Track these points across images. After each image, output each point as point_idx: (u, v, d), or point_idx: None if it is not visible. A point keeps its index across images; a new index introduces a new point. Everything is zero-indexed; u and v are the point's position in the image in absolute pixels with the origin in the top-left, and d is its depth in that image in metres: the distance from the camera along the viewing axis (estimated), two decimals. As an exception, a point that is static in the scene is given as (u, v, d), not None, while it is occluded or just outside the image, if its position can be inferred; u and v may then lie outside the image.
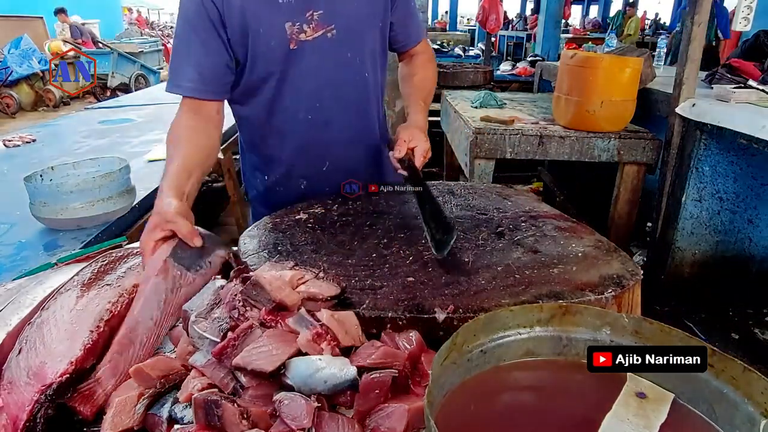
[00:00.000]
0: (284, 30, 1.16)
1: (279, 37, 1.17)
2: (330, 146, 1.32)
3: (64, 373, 0.65)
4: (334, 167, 1.34)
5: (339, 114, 1.29)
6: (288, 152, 1.32)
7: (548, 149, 2.63)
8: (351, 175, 1.33)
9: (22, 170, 1.93)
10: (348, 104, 1.30)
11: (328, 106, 1.27)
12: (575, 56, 2.64)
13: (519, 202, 1.24)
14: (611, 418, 0.53)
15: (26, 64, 8.91)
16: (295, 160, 1.33)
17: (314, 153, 1.32)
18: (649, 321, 0.60)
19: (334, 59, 1.23)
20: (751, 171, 2.45)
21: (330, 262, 0.92)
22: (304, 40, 1.18)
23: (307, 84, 1.23)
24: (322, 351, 0.64)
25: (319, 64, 1.22)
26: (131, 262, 0.89)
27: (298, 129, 1.28)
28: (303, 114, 1.26)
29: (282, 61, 1.19)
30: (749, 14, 2.42)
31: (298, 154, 1.32)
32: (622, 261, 0.92)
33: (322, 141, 1.31)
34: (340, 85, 1.27)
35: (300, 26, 1.17)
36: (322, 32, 1.19)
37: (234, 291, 0.74)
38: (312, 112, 1.27)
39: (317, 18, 1.18)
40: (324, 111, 1.27)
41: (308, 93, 1.24)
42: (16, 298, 0.80)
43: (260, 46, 1.16)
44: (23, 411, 0.62)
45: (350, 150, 1.35)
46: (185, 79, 1.17)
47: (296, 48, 1.18)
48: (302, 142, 1.30)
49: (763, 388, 0.50)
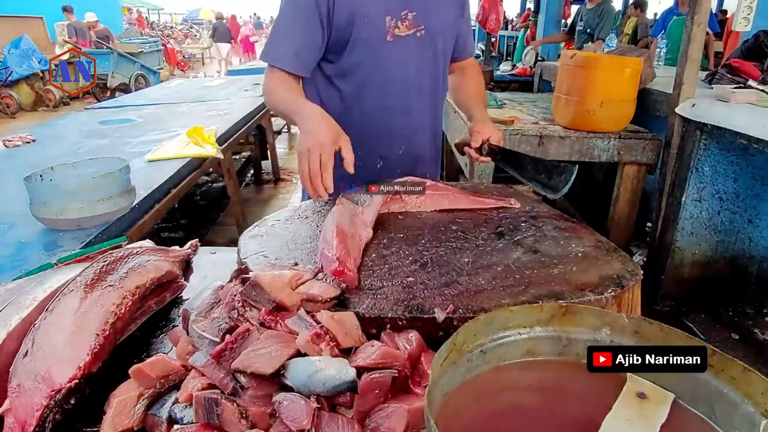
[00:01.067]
0: (384, 22, 1.32)
1: (379, 28, 1.33)
2: (408, 131, 1.48)
3: (73, 378, 0.65)
4: (407, 151, 1.50)
5: (419, 104, 1.46)
6: (372, 132, 1.44)
7: (548, 149, 2.63)
8: (419, 159, 1.53)
9: (22, 170, 1.93)
10: (426, 97, 1.47)
11: (412, 96, 1.43)
12: (575, 56, 2.64)
13: (519, 202, 1.24)
14: (611, 419, 0.53)
15: (26, 64, 8.92)
16: (377, 141, 1.45)
17: (395, 136, 1.47)
18: (649, 321, 0.60)
19: (419, 56, 1.40)
20: (751, 171, 2.45)
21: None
22: (398, 35, 1.34)
23: (396, 73, 1.39)
24: (321, 352, 0.64)
25: (408, 58, 1.38)
26: (132, 263, 0.88)
27: (384, 114, 1.43)
28: (390, 100, 1.42)
29: (378, 49, 1.35)
30: (749, 14, 2.42)
31: (381, 135, 1.45)
32: (622, 261, 0.92)
33: (403, 126, 1.46)
34: (421, 78, 1.43)
35: (396, 22, 1.33)
36: (414, 31, 1.36)
37: (233, 291, 0.74)
38: (398, 100, 1.42)
39: (411, 18, 1.35)
40: (407, 100, 1.43)
41: (396, 82, 1.40)
42: (16, 299, 0.80)
43: (363, 32, 1.32)
44: (32, 416, 0.62)
45: (422, 137, 1.52)
46: (282, 53, 1.33)
47: (391, 40, 1.34)
48: (386, 124, 1.44)
49: (763, 388, 0.50)
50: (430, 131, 1.54)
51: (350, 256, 0.86)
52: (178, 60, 15.99)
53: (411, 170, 1.43)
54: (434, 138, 1.58)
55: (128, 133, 3.02)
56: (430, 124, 1.53)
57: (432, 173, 1.57)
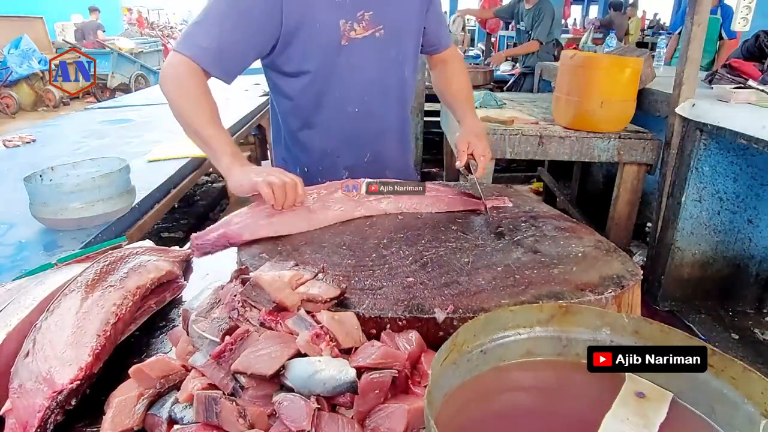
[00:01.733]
0: (338, 26, 1.24)
1: (333, 33, 1.24)
2: (373, 138, 1.41)
3: (75, 379, 0.65)
4: (374, 158, 1.43)
5: (382, 108, 1.39)
6: (334, 143, 1.38)
7: (548, 149, 2.63)
8: (388, 165, 1.45)
9: (21, 170, 1.93)
10: (390, 100, 1.40)
11: (374, 100, 1.36)
12: (575, 56, 2.64)
13: (519, 202, 1.24)
14: (610, 418, 0.53)
15: (26, 65, 8.91)
16: (341, 151, 1.39)
17: (358, 144, 1.40)
18: (649, 321, 0.60)
19: (380, 57, 1.32)
20: (750, 171, 2.45)
21: (330, 263, 0.92)
22: (354, 38, 1.26)
23: (355, 78, 1.31)
24: (322, 352, 0.64)
25: (367, 61, 1.30)
26: (133, 263, 0.88)
27: (345, 120, 1.35)
28: (351, 106, 1.34)
29: (333, 55, 1.26)
30: (748, 14, 2.42)
31: (343, 144, 1.38)
32: (621, 261, 0.92)
33: (367, 133, 1.39)
34: (384, 81, 1.36)
35: (351, 24, 1.25)
36: (372, 31, 1.28)
37: (233, 291, 0.74)
38: (359, 105, 1.34)
39: (368, 18, 1.27)
40: (369, 104, 1.35)
41: (356, 87, 1.32)
42: (16, 299, 0.80)
43: (315, 39, 1.23)
44: (34, 417, 0.62)
45: (389, 142, 1.45)
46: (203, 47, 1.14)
47: (347, 44, 1.26)
48: (349, 133, 1.37)
49: (762, 388, 0.50)
50: (397, 134, 1.46)
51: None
52: (178, 60, 15.97)
53: (379, 177, 1.34)
54: (402, 141, 1.50)
55: (128, 133, 3.02)
56: (397, 127, 1.46)
57: (406, 179, 1.44)
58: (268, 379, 0.62)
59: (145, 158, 2.39)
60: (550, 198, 4.15)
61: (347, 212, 1.14)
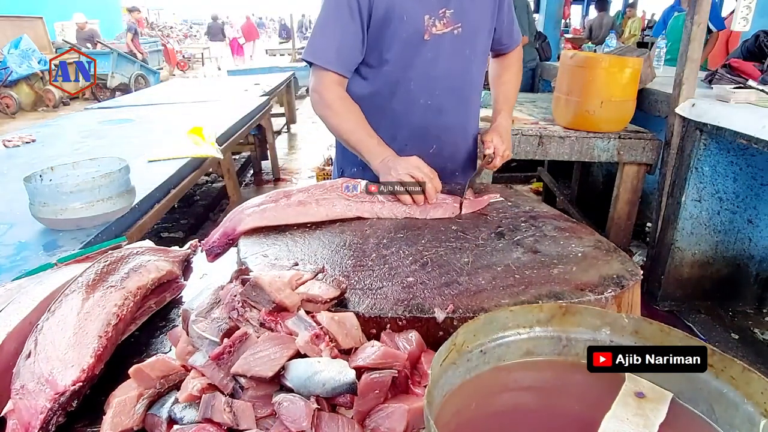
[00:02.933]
0: (422, 21, 1.31)
1: (417, 27, 1.31)
2: (440, 131, 1.46)
3: (77, 381, 0.65)
4: (439, 150, 1.48)
5: (451, 103, 1.44)
6: (404, 132, 1.43)
7: (548, 149, 2.63)
8: (451, 158, 1.51)
9: (21, 170, 1.93)
10: (459, 95, 1.45)
11: (444, 94, 1.41)
12: (575, 56, 2.64)
13: (519, 202, 1.24)
14: (610, 418, 0.53)
15: (26, 65, 8.92)
16: (409, 141, 1.43)
17: (426, 135, 1.45)
18: (649, 321, 0.60)
19: (456, 54, 1.38)
20: (750, 171, 2.45)
21: (330, 262, 0.92)
22: (435, 33, 1.33)
23: (430, 72, 1.37)
24: (321, 353, 0.64)
25: (444, 56, 1.36)
26: (133, 263, 0.88)
27: (415, 112, 1.41)
28: (423, 99, 1.40)
29: (415, 48, 1.33)
30: (748, 14, 2.42)
31: (412, 135, 1.44)
32: (621, 261, 0.92)
33: (435, 125, 1.44)
34: (456, 77, 1.41)
35: (434, 20, 1.32)
36: (451, 28, 1.34)
37: (233, 292, 0.74)
38: (430, 98, 1.40)
39: (449, 15, 1.33)
40: (440, 98, 1.41)
41: (430, 80, 1.38)
42: (16, 299, 0.80)
43: (401, 31, 1.31)
44: (36, 418, 0.62)
45: (455, 136, 1.51)
46: (323, 50, 1.32)
47: (429, 39, 1.33)
48: (418, 124, 1.43)
49: (762, 388, 0.50)
50: (461, 130, 1.52)
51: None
52: (177, 60, 16.00)
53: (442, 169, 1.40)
54: (467, 137, 1.55)
55: (128, 133, 3.02)
56: (463, 123, 1.51)
57: (463, 172, 1.55)
58: (268, 381, 0.62)
59: (144, 158, 2.39)
60: (550, 198, 4.15)
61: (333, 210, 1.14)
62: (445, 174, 1.45)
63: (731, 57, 3.08)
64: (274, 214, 1.09)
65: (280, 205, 1.11)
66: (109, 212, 1.67)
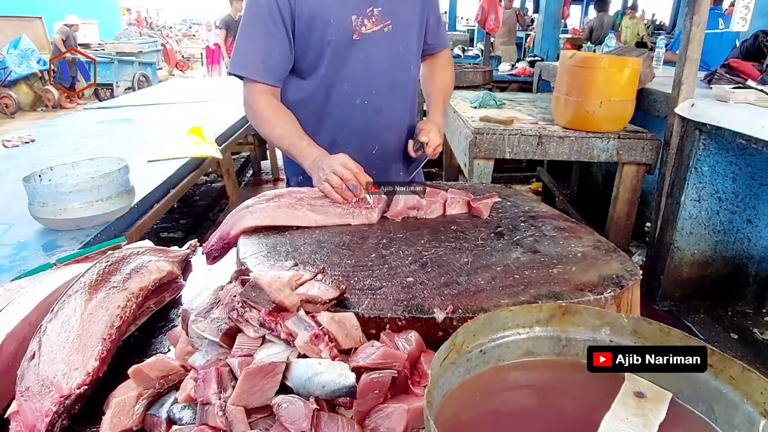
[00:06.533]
0: (350, 21, 1.29)
1: (345, 28, 1.29)
2: (380, 131, 1.44)
3: (82, 384, 0.65)
4: (381, 151, 1.46)
5: (389, 102, 1.42)
6: (345, 135, 1.41)
7: (547, 149, 2.63)
8: (393, 158, 1.49)
9: (21, 170, 1.93)
10: (397, 94, 1.43)
11: (381, 94, 1.39)
12: (574, 56, 2.64)
13: (518, 202, 1.24)
14: (610, 418, 0.53)
15: (25, 65, 8.90)
16: (350, 143, 1.40)
17: (368, 136, 1.43)
18: (648, 321, 0.60)
19: (388, 52, 1.36)
20: (749, 171, 2.45)
21: (329, 263, 0.92)
22: (364, 33, 1.31)
23: (364, 72, 1.35)
24: (321, 353, 0.64)
25: (376, 55, 1.35)
26: (134, 263, 0.88)
27: (354, 113, 1.39)
28: (360, 99, 1.38)
29: (345, 50, 1.31)
30: (747, 14, 2.42)
31: (353, 136, 1.41)
32: (621, 261, 0.92)
33: (375, 125, 1.42)
34: (391, 75, 1.39)
35: (362, 20, 1.30)
36: (380, 27, 1.33)
37: (233, 292, 0.74)
38: (367, 98, 1.38)
39: (377, 14, 1.31)
40: (377, 98, 1.39)
41: (365, 81, 1.36)
42: (15, 299, 0.80)
43: (329, 34, 1.29)
44: (41, 421, 0.62)
45: (395, 135, 1.48)
46: (248, 63, 1.31)
47: (358, 39, 1.31)
48: (357, 126, 1.41)
49: (762, 388, 0.50)
50: (403, 129, 1.50)
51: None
52: (177, 60, 15.98)
53: (386, 169, 1.43)
54: (409, 136, 1.50)
55: (127, 133, 3.02)
56: (404, 122, 1.49)
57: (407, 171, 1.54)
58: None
59: (144, 158, 2.39)
60: (549, 198, 4.15)
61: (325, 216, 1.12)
62: (390, 173, 1.49)
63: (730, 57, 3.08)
64: (266, 219, 1.08)
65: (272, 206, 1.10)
66: (109, 212, 1.67)
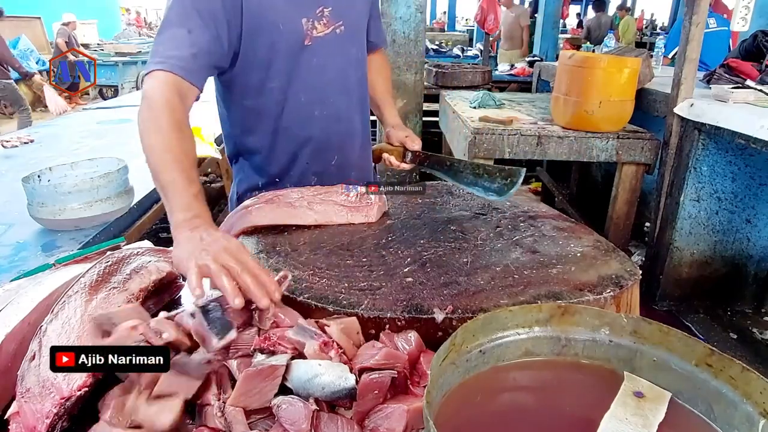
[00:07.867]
0: (301, 25, 1.17)
1: (297, 33, 1.17)
2: (341, 139, 1.34)
3: (83, 385, 0.65)
4: (342, 161, 1.36)
5: (347, 109, 1.32)
6: (305, 149, 1.30)
7: (547, 149, 2.63)
8: (355, 167, 1.38)
9: (20, 171, 1.93)
10: (353, 99, 1.33)
11: (338, 100, 1.29)
12: (573, 56, 2.64)
13: (517, 202, 1.24)
14: (610, 418, 0.53)
15: (24, 65, 8.89)
16: (310, 158, 1.31)
17: (328, 148, 1.32)
18: (648, 321, 0.60)
19: (342, 54, 1.26)
20: (749, 171, 2.46)
21: (328, 263, 0.92)
22: (316, 36, 1.19)
23: (318, 79, 1.24)
24: (331, 360, 0.64)
25: (329, 60, 1.24)
26: (134, 264, 0.88)
27: (312, 125, 1.28)
28: (318, 110, 1.27)
29: (297, 57, 1.19)
30: (747, 14, 2.42)
31: (313, 150, 1.31)
32: (620, 261, 0.92)
33: (335, 135, 1.32)
34: (346, 80, 1.29)
35: (313, 22, 1.18)
36: (332, 29, 1.21)
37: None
38: (325, 108, 1.27)
39: (327, 14, 1.20)
40: (334, 105, 1.29)
41: (319, 88, 1.25)
42: (15, 299, 0.80)
43: (279, 42, 1.15)
44: (42, 423, 0.61)
45: (355, 143, 1.38)
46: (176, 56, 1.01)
47: (310, 44, 1.19)
48: (318, 137, 1.30)
49: (761, 387, 0.50)
50: (360, 137, 1.39)
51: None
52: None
53: (342, 180, 1.24)
54: (365, 143, 1.42)
55: (127, 134, 3.02)
56: (361, 129, 1.39)
57: (366, 180, 1.40)
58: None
59: (143, 158, 2.38)
60: (548, 198, 4.16)
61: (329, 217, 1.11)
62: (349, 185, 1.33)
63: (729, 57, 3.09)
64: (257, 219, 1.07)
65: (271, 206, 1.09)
66: (108, 212, 1.67)
